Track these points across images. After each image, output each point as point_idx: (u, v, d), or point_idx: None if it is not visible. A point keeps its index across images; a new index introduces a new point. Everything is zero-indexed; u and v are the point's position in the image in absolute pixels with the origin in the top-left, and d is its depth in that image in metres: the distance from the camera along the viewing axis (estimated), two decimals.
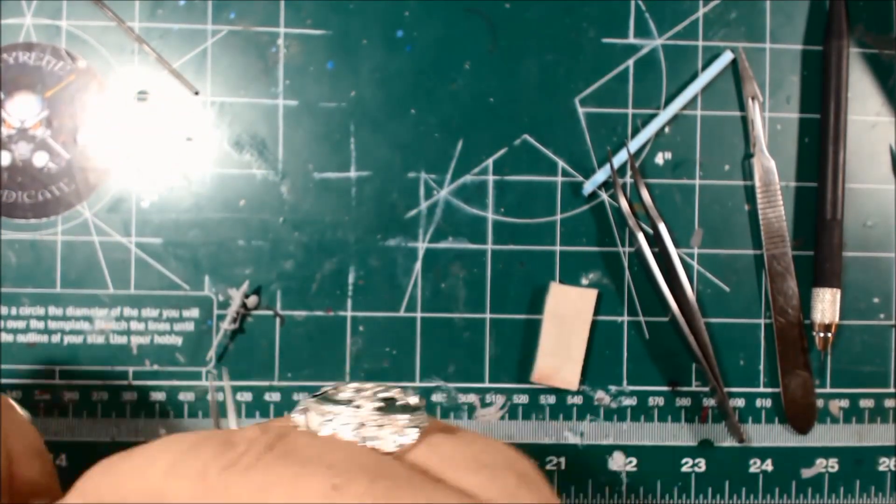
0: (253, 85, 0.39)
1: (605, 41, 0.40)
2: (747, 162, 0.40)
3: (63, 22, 0.38)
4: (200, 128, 0.39)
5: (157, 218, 0.38)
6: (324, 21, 0.39)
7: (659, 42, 0.40)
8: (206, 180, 0.39)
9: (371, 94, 0.39)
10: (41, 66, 0.38)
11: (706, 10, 0.40)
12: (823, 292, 0.39)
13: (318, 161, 0.39)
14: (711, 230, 0.40)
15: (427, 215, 0.39)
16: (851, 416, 0.40)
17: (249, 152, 0.39)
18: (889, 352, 0.40)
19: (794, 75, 0.40)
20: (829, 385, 0.40)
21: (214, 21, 0.38)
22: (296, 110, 0.39)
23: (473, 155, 0.39)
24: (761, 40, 0.40)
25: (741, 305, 0.40)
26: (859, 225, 0.40)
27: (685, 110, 0.40)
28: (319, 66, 0.39)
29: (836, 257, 0.39)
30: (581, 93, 0.39)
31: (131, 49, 0.38)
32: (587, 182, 0.39)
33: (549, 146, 0.39)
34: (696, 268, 0.40)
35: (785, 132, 0.40)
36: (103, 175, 0.38)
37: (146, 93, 0.38)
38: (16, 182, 0.38)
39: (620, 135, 0.40)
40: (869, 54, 0.40)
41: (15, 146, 0.38)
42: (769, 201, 0.39)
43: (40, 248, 0.38)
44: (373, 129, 0.39)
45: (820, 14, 0.40)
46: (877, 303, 0.40)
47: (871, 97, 0.40)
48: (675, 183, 0.40)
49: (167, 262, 0.38)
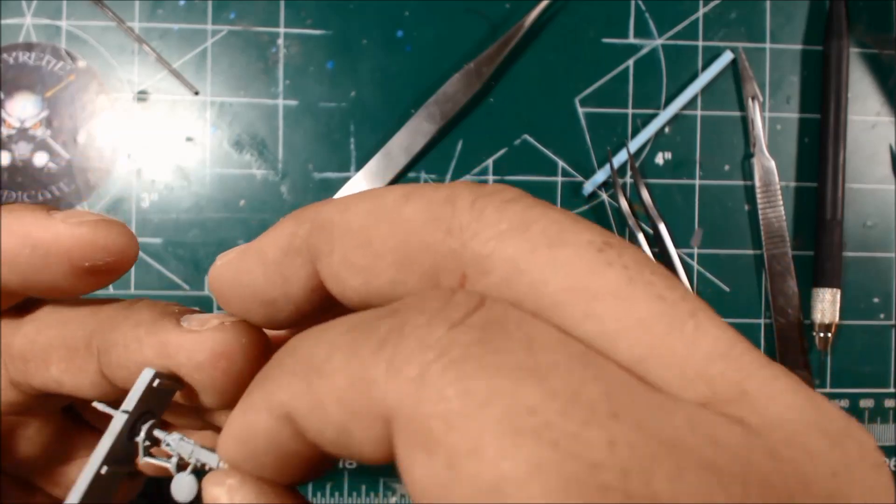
0: (253, 85, 0.39)
1: (605, 41, 0.40)
2: (747, 162, 0.40)
3: (63, 22, 0.38)
4: (200, 128, 0.39)
5: (157, 218, 0.38)
6: (324, 21, 0.39)
7: (659, 42, 0.40)
8: (206, 180, 0.39)
9: (371, 94, 0.39)
10: (41, 66, 0.38)
11: (706, 10, 0.40)
12: (823, 292, 0.39)
13: (318, 161, 0.39)
14: (711, 230, 0.40)
15: None
16: (851, 416, 0.40)
17: (249, 152, 0.39)
18: (889, 352, 0.40)
19: (794, 75, 0.40)
20: (829, 385, 0.40)
21: (214, 21, 0.38)
22: (296, 110, 0.39)
23: (473, 155, 0.39)
24: (761, 40, 0.40)
25: (741, 305, 0.40)
26: (859, 225, 0.40)
27: (685, 110, 0.40)
28: (319, 66, 0.39)
29: (836, 257, 0.39)
30: (581, 93, 0.39)
31: (131, 49, 0.38)
32: (587, 182, 0.39)
33: (549, 146, 0.39)
34: (696, 268, 0.40)
35: (785, 132, 0.40)
36: (103, 175, 0.38)
37: (146, 93, 0.38)
38: (16, 182, 0.38)
39: (620, 135, 0.40)
40: (869, 54, 0.40)
41: (15, 146, 0.38)
42: (769, 201, 0.39)
43: None
44: (373, 129, 0.39)
45: (820, 14, 0.40)
46: (877, 303, 0.40)
47: (871, 97, 0.40)
48: (675, 183, 0.40)
49: (167, 262, 0.38)
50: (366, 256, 0.14)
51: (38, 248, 0.18)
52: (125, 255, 0.18)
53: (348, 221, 0.15)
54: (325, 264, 0.15)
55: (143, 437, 0.17)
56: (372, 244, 0.14)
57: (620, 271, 0.13)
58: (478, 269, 0.13)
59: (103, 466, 0.16)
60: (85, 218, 0.18)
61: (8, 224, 0.18)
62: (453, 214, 0.14)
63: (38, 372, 0.19)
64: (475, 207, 0.14)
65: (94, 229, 0.18)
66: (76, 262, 0.18)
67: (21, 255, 0.18)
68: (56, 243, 0.18)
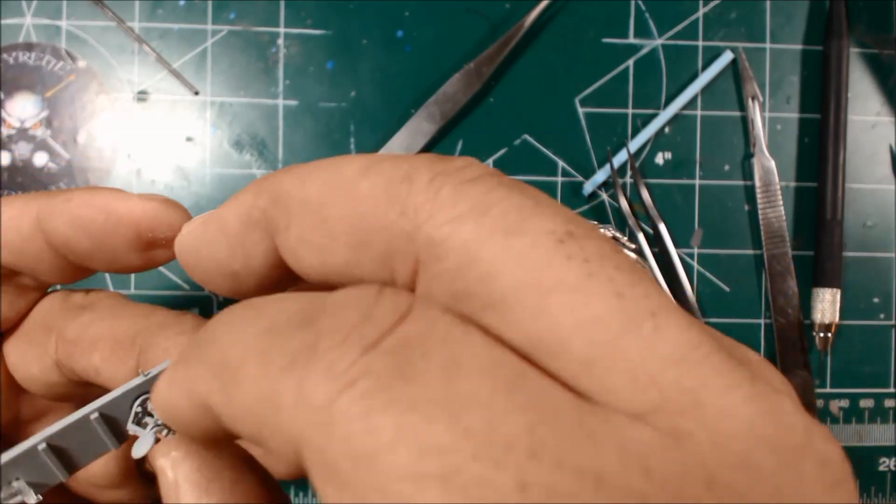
0: (253, 85, 0.39)
1: (605, 41, 0.40)
2: (747, 162, 0.40)
3: (63, 22, 0.38)
4: (200, 128, 0.39)
5: None
6: (324, 21, 0.39)
7: (659, 42, 0.40)
8: (206, 180, 0.39)
9: (371, 94, 0.39)
10: (41, 66, 0.38)
11: (706, 10, 0.40)
12: (823, 292, 0.39)
13: None
14: (711, 230, 0.40)
15: None
16: (851, 416, 0.40)
17: (249, 152, 0.39)
18: (889, 352, 0.40)
19: (794, 75, 0.40)
20: (829, 385, 0.40)
21: (214, 21, 0.38)
22: (296, 110, 0.39)
23: (473, 155, 0.39)
24: (761, 40, 0.40)
25: (741, 305, 0.40)
26: (859, 225, 0.40)
27: (685, 110, 0.40)
28: (319, 66, 0.39)
29: (836, 257, 0.39)
30: (581, 93, 0.39)
31: (131, 49, 0.38)
32: (587, 182, 0.39)
33: (549, 146, 0.39)
34: (696, 268, 0.40)
35: (785, 132, 0.40)
36: (103, 175, 0.38)
37: (146, 93, 0.38)
38: (16, 182, 0.38)
39: (620, 135, 0.40)
40: (869, 54, 0.40)
41: (15, 146, 0.38)
42: (769, 201, 0.39)
43: None
44: (373, 129, 0.39)
45: (820, 14, 0.40)
46: (877, 303, 0.40)
47: (871, 97, 0.40)
48: (675, 183, 0.40)
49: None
50: (321, 235, 0.14)
51: (112, 215, 0.19)
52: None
53: (306, 195, 0.14)
54: (282, 239, 0.15)
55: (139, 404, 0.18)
56: (328, 222, 0.14)
57: (580, 265, 0.12)
58: (431, 254, 0.13)
59: (95, 412, 0.17)
60: (156, 196, 0.20)
61: (90, 197, 0.20)
62: (409, 193, 0.13)
63: (83, 357, 0.20)
64: (432, 186, 0.13)
65: (162, 205, 0.19)
66: (143, 231, 0.19)
67: (97, 220, 0.19)
68: (129, 213, 0.19)
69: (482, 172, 0.13)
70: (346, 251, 0.14)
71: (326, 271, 0.14)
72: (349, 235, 0.13)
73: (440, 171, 0.13)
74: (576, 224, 0.12)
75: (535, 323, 0.12)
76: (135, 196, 0.19)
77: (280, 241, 0.15)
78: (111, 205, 0.19)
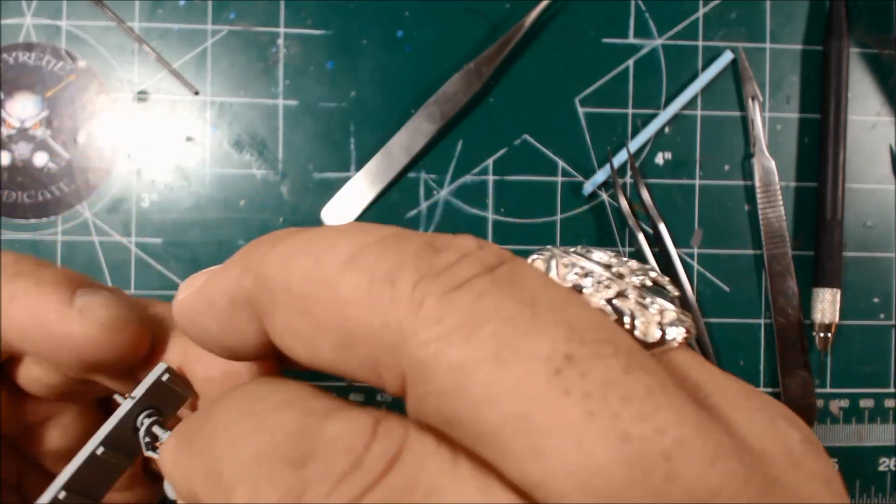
0: (253, 85, 0.39)
1: (605, 41, 0.40)
2: (747, 162, 0.40)
3: (63, 22, 0.38)
4: (200, 128, 0.39)
5: (157, 218, 0.38)
6: (324, 21, 0.39)
7: (659, 42, 0.40)
8: (206, 180, 0.39)
9: (371, 94, 0.39)
10: (41, 66, 0.38)
11: (706, 10, 0.40)
12: (823, 292, 0.39)
13: (318, 161, 0.39)
14: (711, 230, 0.40)
15: (427, 215, 0.39)
16: (851, 416, 0.40)
17: (249, 152, 0.39)
18: (889, 352, 0.40)
19: (794, 75, 0.40)
20: (829, 385, 0.40)
21: (214, 21, 0.38)
22: (296, 110, 0.39)
23: (473, 155, 0.39)
24: (761, 40, 0.40)
25: (741, 305, 0.40)
26: (859, 225, 0.40)
27: (685, 110, 0.40)
28: (319, 66, 0.39)
29: (836, 257, 0.39)
30: (581, 93, 0.39)
31: (131, 49, 0.38)
32: (587, 182, 0.39)
33: (549, 146, 0.39)
34: (696, 268, 0.40)
35: (785, 132, 0.40)
36: (103, 175, 0.38)
37: (146, 93, 0.38)
38: (16, 182, 0.38)
39: (620, 135, 0.40)
40: (869, 54, 0.40)
41: (15, 146, 0.38)
42: (769, 201, 0.39)
43: (40, 249, 0.38)
44: (373, 129, 0.39)
45: (820, 14, 0.40)
46: (877, 303, 0.40)
47: (871, 97, 0.40)
48: (675, 183, 0.40)
49: (167, 262, 0.38)
50: (307, 327, 0.13)
51: (52, 336, 0.18)
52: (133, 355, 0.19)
53: (288, 283, 0.13)
54: (269, 324, 0.14)
55: (144, 432, 0.18)
56: (312, 316, 0.13)
57: (579, 401, 0.10)
58: (416, 373, 0.11)
59: (100, 447, 0.17)
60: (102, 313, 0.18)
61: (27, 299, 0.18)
62: (391, 301, 0.12)
63: None
64: (415, 296, 0.11)
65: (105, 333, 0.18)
66: (84, 357, 0.18)
67: (35, 335, 0.18)
68: (69, 339, 0.18)
69: (474, 272, 0.12)
70: (332, 350, 0.13)
71: (316, 363, 0.14)
72: (334, 334, 0.13)
73: (426, 273, 0.12)
74: (579, 341, 0.11)
75: (530, 465, 0.11)
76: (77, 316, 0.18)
77: (268, 324, 0.14)
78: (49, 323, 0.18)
